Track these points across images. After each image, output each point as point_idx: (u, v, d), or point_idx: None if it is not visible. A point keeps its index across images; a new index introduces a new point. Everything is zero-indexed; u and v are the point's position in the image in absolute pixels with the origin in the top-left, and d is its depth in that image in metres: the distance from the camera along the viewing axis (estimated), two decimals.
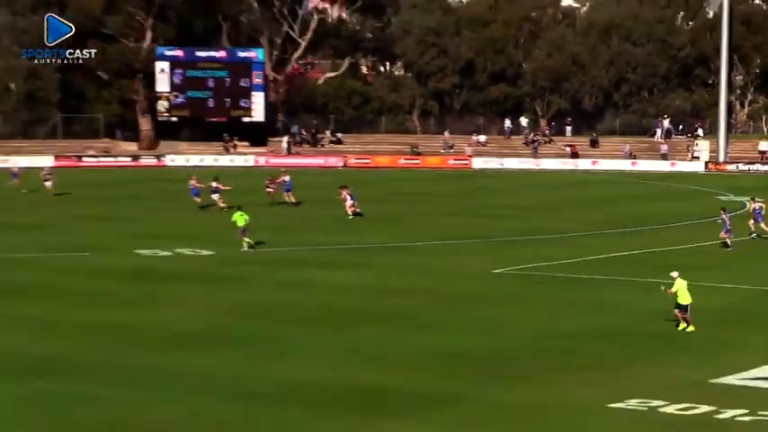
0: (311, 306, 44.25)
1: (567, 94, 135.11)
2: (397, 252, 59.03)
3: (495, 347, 37.57)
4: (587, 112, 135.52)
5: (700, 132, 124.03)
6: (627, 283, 49.44)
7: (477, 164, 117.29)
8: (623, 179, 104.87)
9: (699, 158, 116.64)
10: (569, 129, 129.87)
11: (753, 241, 62.07)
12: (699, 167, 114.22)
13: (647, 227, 69.07)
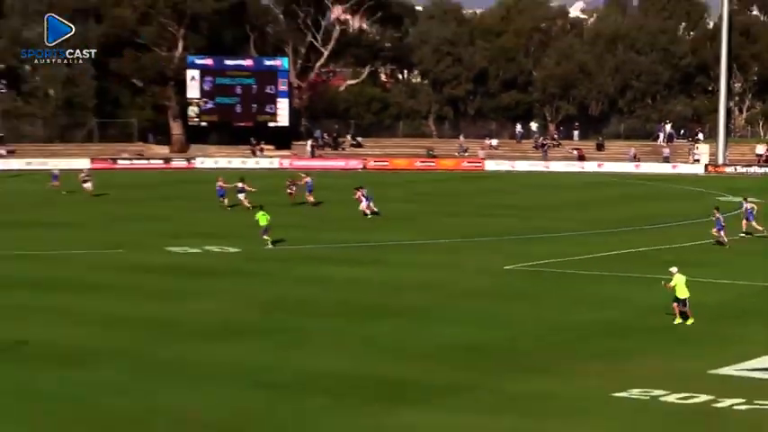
0: (331, 300, 44.19)
1: (575, 100, 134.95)
2: (412, 249, 58.94)
3: (507, 340, 37.51)
4: (594, 117, 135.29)
5: (700, 136, 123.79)
6: (630, 279, 49.27)
7: (490, 166, 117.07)
8: (627, 181, 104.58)
9: (699, 161, 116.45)
10: (577, 133, 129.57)
11: (749, 239, 61.81)
12: (699, 170, 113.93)
13: (649, 226, 68.82)
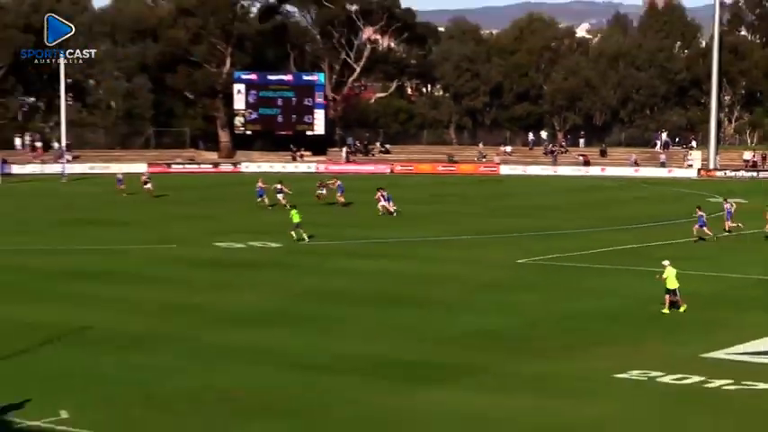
0: (361, 291, 44.11)
1: (581, 111, 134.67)
2: (434, 245, 58.81)
3: (519, 326, 37.39)
4: (598, 126, 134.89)
5: (693, 144, 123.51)
6: (629, 271, 49.05)
7: (504, 170, 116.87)
8: (628, 184, 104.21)
9: (692, 166, 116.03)
10: (582, 141, 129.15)
11: (737, 237, 61.49)
12: (692, 174, 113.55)
13: (647, 224, 68.55)
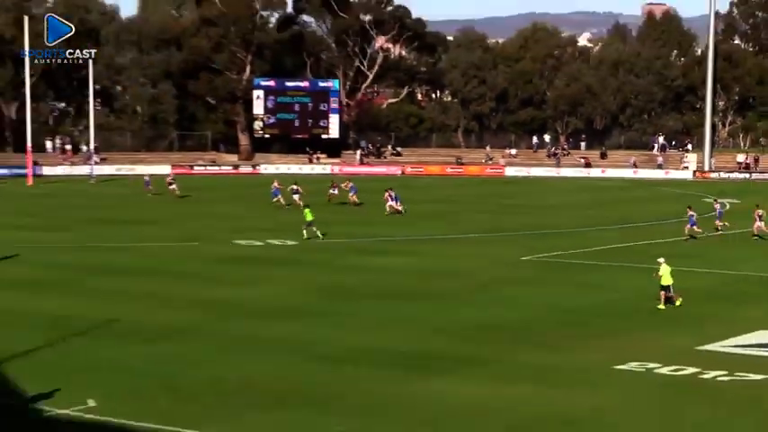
0: (373, 285, 44.04)
1: (582, 116, 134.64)
2: (442, 243, 58.74)
3: (522, 320, 37.28)
4: (598, 130, 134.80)
5: (689, 147, 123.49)
6: (627, 268, 48.87)
7: (510, 172, 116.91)
8: (627, 184, 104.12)
9: (688, 168, 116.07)
10: (584, 144, 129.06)
11: (730, 235, 61.34)
12: (688, 175, 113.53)
13: (644, 223, 68.46)
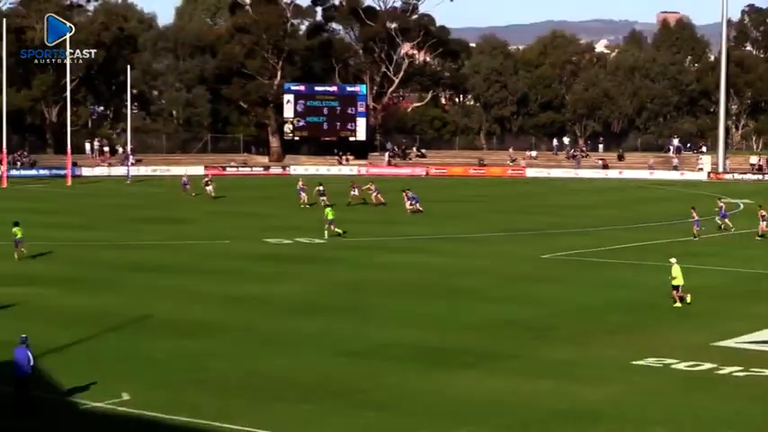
0: (396, 282, 43.73)
1: (600, 119, 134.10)
2: (464, 241, 58.35)
3: (542, 316, 36.92)
4: (615, 133, 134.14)
5: (703, 149, 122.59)
6: (644, 266, 48.37)
7: (530, 173, 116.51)
8: (643, 185, 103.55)
9: (703, 169, 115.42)
10: (601, 146, 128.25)
11: (743, 234, 60.76)
12: (702, 177, 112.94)
13: (660, 223, 67.96)
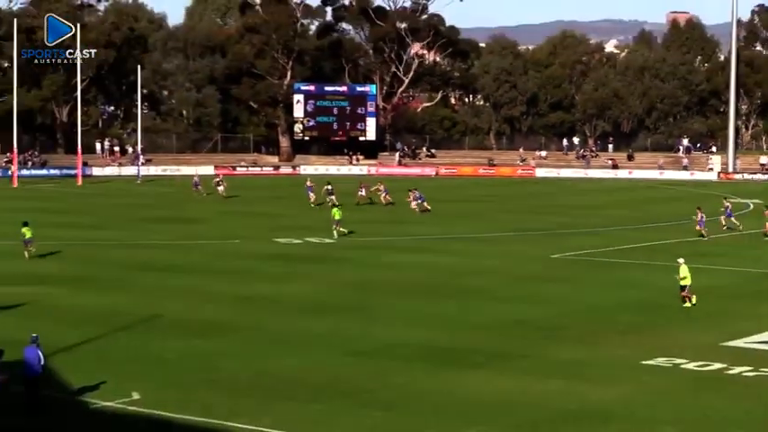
0: (406, 282, 43.70)
1: (610, 119, 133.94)
2: (474, 241, 58.28)
3: (551, 316, 36.86)
4: (625, 133, 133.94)
5: (713, 149, 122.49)
6: (652, 266, 48.23)
7: (540, 173, 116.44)
8: (653, 185, 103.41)
9: (713, 169, 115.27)
10: (611, 146, 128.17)
11: (751, 234, 60.65)
12: (712, 177, 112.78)
13: (669, 223, 67.82)
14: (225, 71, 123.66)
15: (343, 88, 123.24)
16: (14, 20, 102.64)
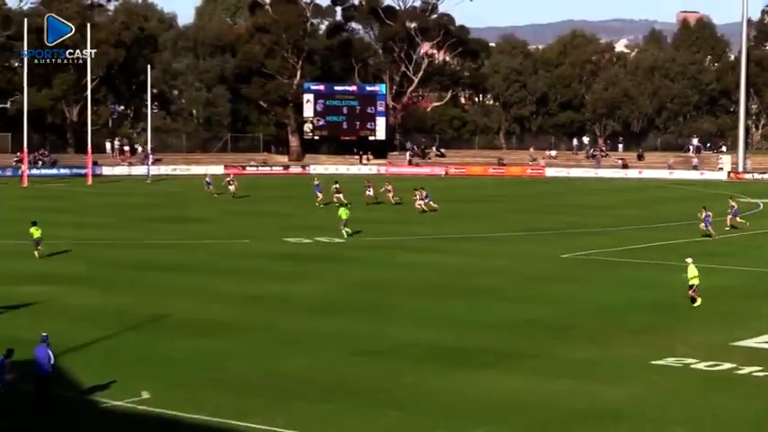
0: (416, 282, 43.66)
1: (620, 119, 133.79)
2: (484, 241, 58.19)
3: (562, 315, 36.79)
4: (635, 132, 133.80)
5: (723, 149, 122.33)
6: (663, 266, 48.03)
7: (550, 173, 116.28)
8: (663, 185, 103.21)
9: (723, 169, 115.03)
10: (621, 146, 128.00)
11: (760, 234, 60.46)
12: (722, 176, 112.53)
13: (679, 222, 67.62)
14: (235, 71, 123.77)
15: (353, 88, 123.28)
16: (25, 19, 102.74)
